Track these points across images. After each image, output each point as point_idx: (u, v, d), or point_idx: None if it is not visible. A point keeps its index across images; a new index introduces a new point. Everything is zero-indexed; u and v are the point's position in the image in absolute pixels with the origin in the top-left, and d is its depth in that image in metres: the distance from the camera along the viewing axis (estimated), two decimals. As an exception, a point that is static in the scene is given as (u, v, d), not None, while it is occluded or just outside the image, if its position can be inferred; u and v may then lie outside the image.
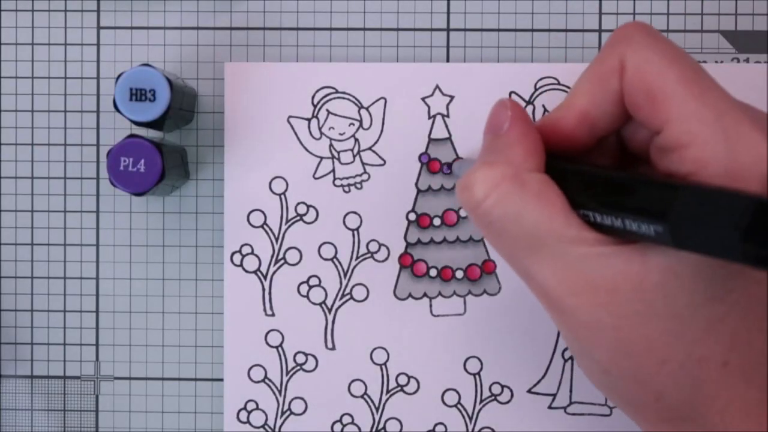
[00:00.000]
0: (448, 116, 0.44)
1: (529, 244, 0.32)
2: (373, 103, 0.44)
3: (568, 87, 0.43)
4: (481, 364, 0.44)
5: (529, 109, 0.43)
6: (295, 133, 0.44)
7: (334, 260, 0.44)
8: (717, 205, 0.27)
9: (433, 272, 0.44)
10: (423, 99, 0.44)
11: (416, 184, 0.44)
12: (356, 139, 0.44)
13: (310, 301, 0.44)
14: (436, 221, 0.44)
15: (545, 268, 0.32)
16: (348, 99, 0.44)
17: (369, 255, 0.44)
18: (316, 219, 0.44)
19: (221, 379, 0.44)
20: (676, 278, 0.30)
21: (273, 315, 0.44)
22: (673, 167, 0.31)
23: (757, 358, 0.31)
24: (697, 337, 0.31)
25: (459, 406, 0.44)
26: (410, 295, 0.44)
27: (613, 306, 0.31)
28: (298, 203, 0.44)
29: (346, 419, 0.44)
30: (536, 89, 0.44)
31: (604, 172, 0.33)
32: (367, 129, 0.44)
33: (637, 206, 0.30)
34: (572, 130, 0.34)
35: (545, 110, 0.43)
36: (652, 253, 0.31)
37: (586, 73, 0.34)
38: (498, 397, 0.44)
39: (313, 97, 0.44)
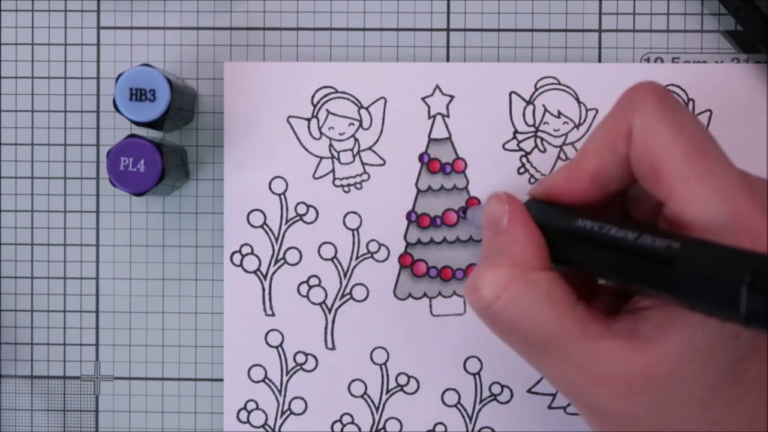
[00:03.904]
0: (448, 116, 0.44)
1: (540, 341, 0.33)
2: (373, 103, 0.44)
3: (568, 87, 0.43)
4: (481, 364, 0.44)
5: (530, 109, 0.44)
6: (295, 133, 0.44)
7: (334, 260, 0.44)
8: (725, 259, 0.27)
9: (433, 272, 0.44)
10: (423, 99, 0.44)
11: (416, 184, 0.44)
12: (356, 139, 0.44)
13: (310, 301, 0.44)
14: (437, 221, 0.44)
15: (559, 364, 0.32)
16: (348, 99, 0.44)
17: (369, 255, 0.44)
18: (316, 219, 0.44)
19: (221, 379, 0.44)
20: (689, 364, 0.30)
21: (273, 315, 0.44)
22: None
23: None
24: (716, 418, 0.31)
25: (459, 405, 0.44)
26: (410, 295, 0.44)
27: (630, 395, 0.31)
28: (298, 203, 0.44)
29: (346, 419, 0.44)
30: (536, 89, 0.44)
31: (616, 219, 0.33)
32: (367, 129, 0.44)
33: (653, 229, 0.30)
34: (585, 191, 0.34)
35: (545, 110, 0.43)
36: (663, 341, 0.31)
37: (596, 133, 0.34)
38: (498, 397, 0.44)
39: (312, 97, 0.44)
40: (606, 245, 0.31)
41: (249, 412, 0.44)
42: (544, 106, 0.44)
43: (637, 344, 0.31)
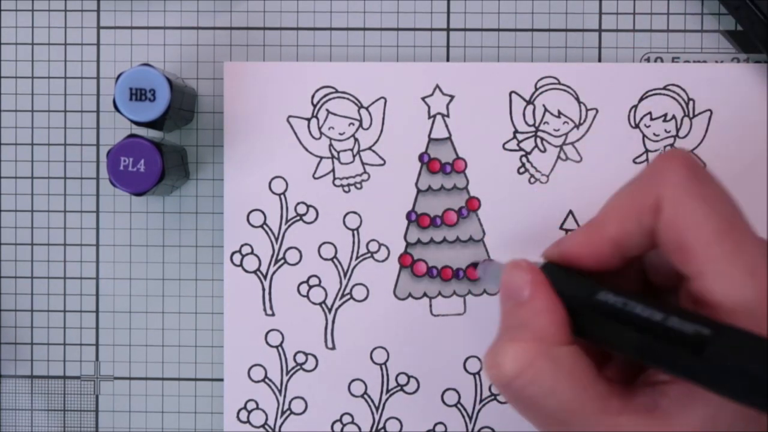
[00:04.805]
0: (448, 116, 0.44)
1: (560, 418, 0.32)
2: (373, 103, 0.44)
3: (569, 87, 0.43)
4: (481, 363, 0.44)
5: (530, 109, 0.44)
6: (295, 133, 0.44)
7: (334, 260, 0.44)
8: (755, 351, 0.27)
9: (433, 272, 0.44)
10: (423, 99, 0.44)
11: (416, 184, 0.44)
12: (356, 139, 0.44)
13: (310, 300, 0.44)
14: (437, 221, 0.44)
15: None
16: (348, 99, 0.44)
17: (369, 255, 0.44)
18: (316, 219, 0.44)
19: (221, 379, 0.44)
20: None
21: (273, 315, 0.44)
22: (703, 313, 0.31)
23: None
24: None
25: (459, 405, 0.44)
26: (410, 295, 0.44)
27: None
28: (298, 203, 0.44)
29: (346, 419, 0.44)
30: (536, 89, 0.44)
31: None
32: (367, 129, 0.44)
33: (682, 311, 0.30)
34: (604, 256, 0.34)
35: (545, 110, 0.43)
36: (683, 418, 0.30)
37: (619, 199, 0.33)
38: (498, 397, 0.44)
39: (312, 97, 0.44)
40: (630, 323, 0.31)
41: (249, 412, 0.44)
42: (544, 105, 0.44)
43: (657, 420, 0.31)
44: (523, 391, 0.33)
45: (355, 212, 0.44)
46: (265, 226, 0.44)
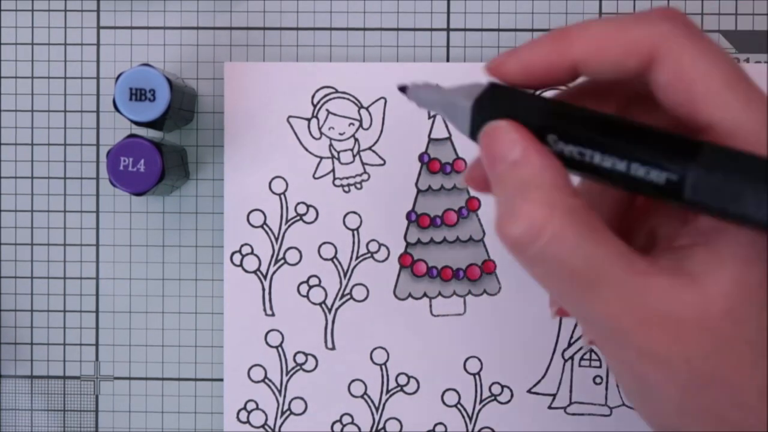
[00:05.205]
0: (448, 116, 0.44)
1: (587, 278, 0.29)
2: (373, 103, 0.44)
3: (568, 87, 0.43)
4: (481, 364, 0.44)
5: (529, 109, 0.43)
6: (295, 133, 0.44)
7: (334, 260, 0.44)
8: (747, 167, 0.26)
9: (433, 272, 0.44)
10: (423, 99, 0.44)
11: (416, 184, 0.44)
12: (356, 139, 0.44)
13: (310, 301, 0.44)
14: (437, 221, 0.44)
15: (607, 302, 0.29)
16: (348, 99, 0.44)
17: (369, 255, 0.44)
18: (316, 219, 0.44)
19: (221, 379, 0.44)
20: (741, 304, 0.28)
21: (273, 315, 0.44)
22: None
23: None
24: None
25: (459, 406, 0.44)
26: (410, 295, 0.44)
27: (682, 337, 0.29)
28: (298, 203, 0.44)
29: (346, 419, 0.44)
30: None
31: (615, 116, 0.30)
32: (367, 129, 0.44)
33: (651, 152, 0.28)
34: (561, 79, 0.32)
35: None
36: (713, 279, 0.29)
37: (603, 31, 0.31)
38: (498, 397, 0.44)
39: (312, 97, 0.44)
40: (597, 172, 0.29)
41: (249, 412, 0.44)
42: (544, 106, 0.43)
43: (686, 282, 0.29)
44: (545, 252, 0.30)
45: (355, 212, 0.44)
46: (265, 226, 0.44)
